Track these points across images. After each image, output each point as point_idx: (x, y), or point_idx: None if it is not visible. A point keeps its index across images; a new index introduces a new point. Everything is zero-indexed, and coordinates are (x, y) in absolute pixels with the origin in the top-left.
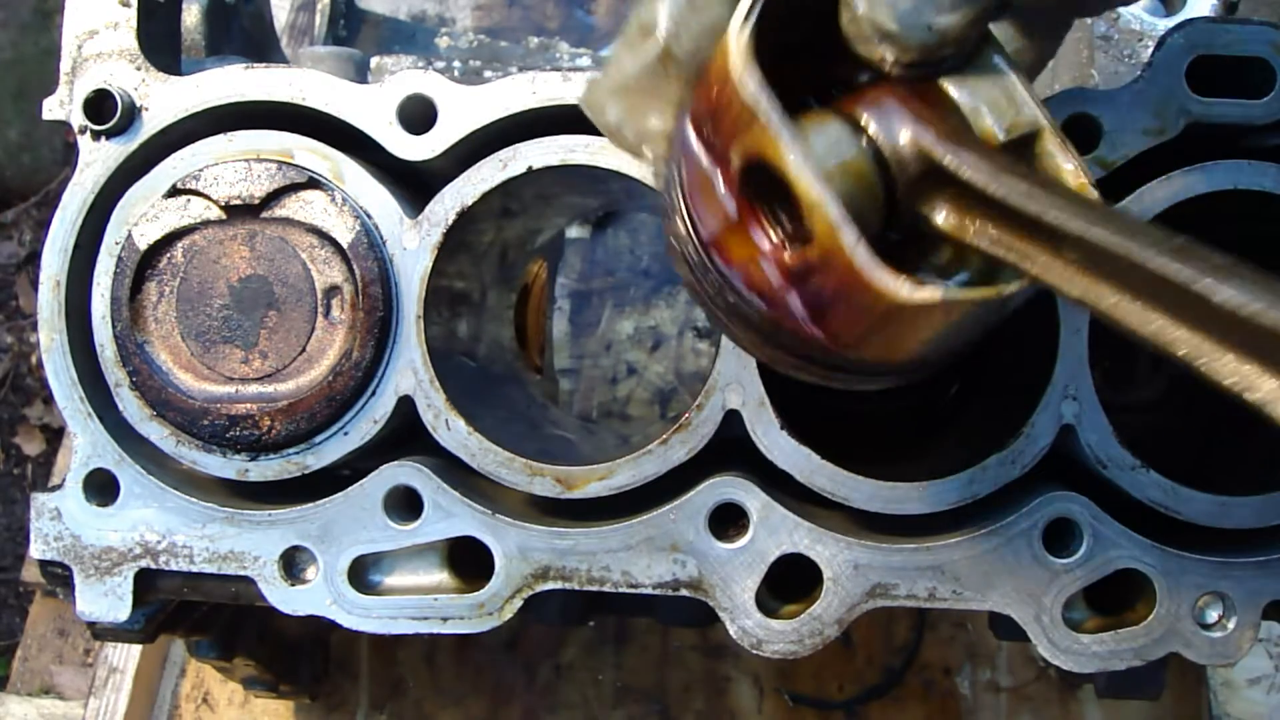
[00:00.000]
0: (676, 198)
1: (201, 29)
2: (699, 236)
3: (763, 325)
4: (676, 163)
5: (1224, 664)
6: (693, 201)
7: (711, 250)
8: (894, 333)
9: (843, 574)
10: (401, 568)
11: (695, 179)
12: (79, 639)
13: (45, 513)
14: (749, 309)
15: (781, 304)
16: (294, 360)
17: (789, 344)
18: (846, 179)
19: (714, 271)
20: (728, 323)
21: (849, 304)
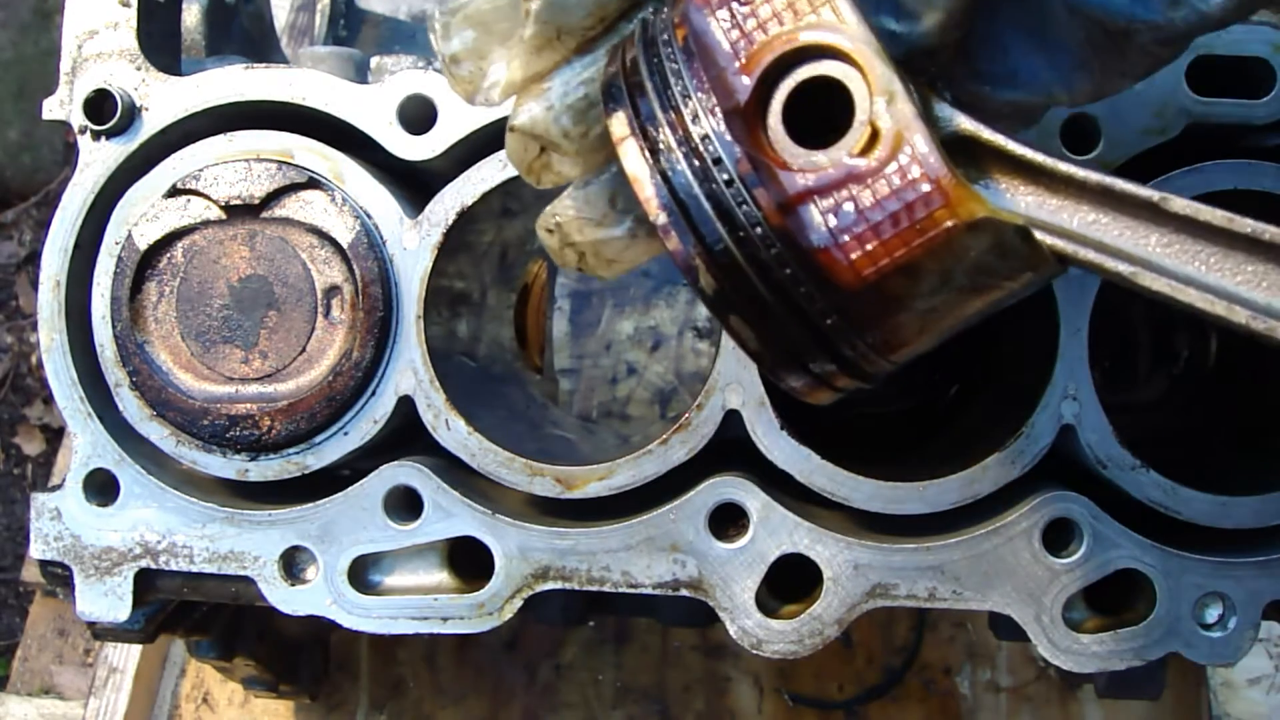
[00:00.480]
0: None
1: (201, 29)
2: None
3: (777, 285)
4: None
5: (1224, 664)
6: (706, 93)
7: (744, 169)
8: (925, 267)
9: (843, 574)
10: (401, 568)
11: (717, 71)
12: (79, 639)
13: (45, 513)
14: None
15: (808, 221)
16: (294, 360)
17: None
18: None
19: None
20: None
21: (902, 218)
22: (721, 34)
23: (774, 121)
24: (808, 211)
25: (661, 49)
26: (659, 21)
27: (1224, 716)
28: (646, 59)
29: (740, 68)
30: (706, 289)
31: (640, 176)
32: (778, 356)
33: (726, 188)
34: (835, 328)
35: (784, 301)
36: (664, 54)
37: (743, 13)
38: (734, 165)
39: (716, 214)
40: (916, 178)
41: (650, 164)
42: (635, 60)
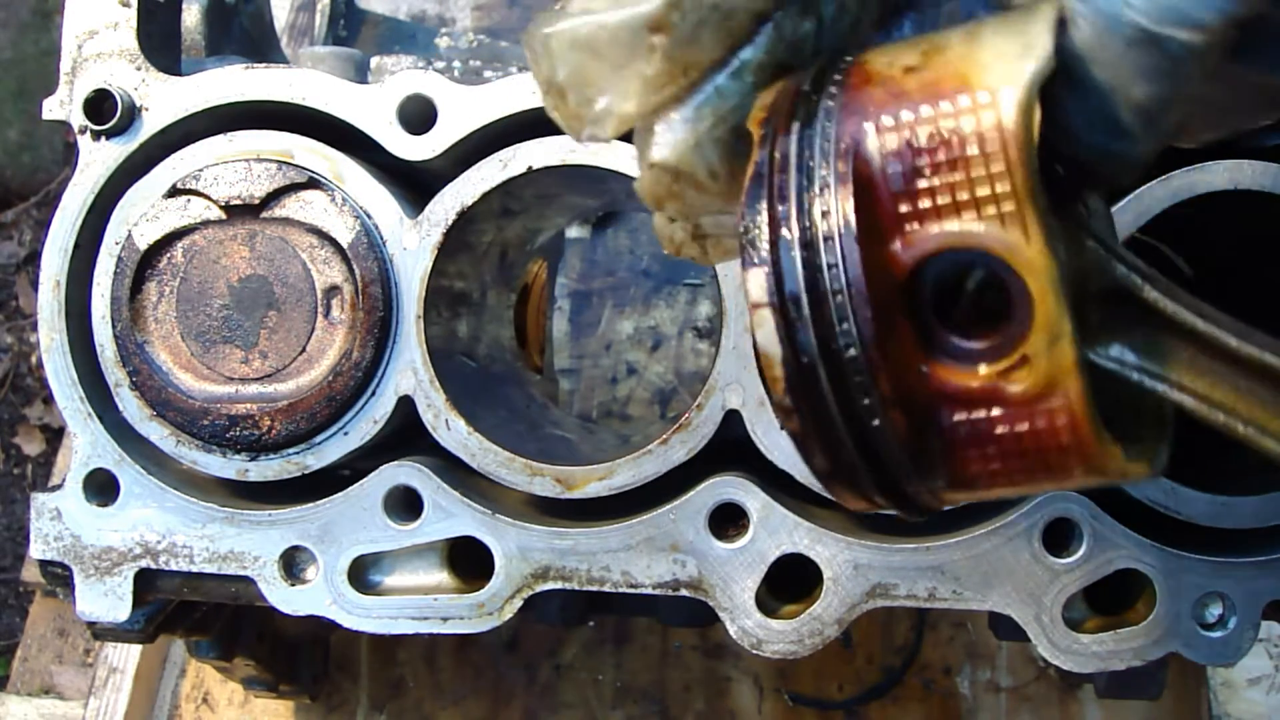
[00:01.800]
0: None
1: (201, 29)
2: (849, 308)
3: (885, 478)
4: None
5: (1224, 664)
6: (854, 255)
7: (867, 331)
8: (1036, 488)
9: (843, 574)
10: (401, 568)
11: (873, 245)
12: (79, 639)
13: (45, 513)
14: (884, 439)
15: (934, 435)
16: (294, 360)
17: (890, 487)
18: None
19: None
20: (834, 477)
21: (1031, 456)
22: (888, 198)
23: (924, 307)
24: (939, 418)
25: (818, 200)
26: (819, 156)
27: (1224, 716)
28: (798, 205)
29: (902, 244)
30: (818, 468)
31: (771, 355)
32: (863, 503)
33: (860, 396)
34: (919, 494)
35: (889, 486)
36: (819, 210)
37: (921, 185)
38: (873, 383)
39: (845, 421)
40: (1060, 427)
41: (784, 345)
42: (785, 208)
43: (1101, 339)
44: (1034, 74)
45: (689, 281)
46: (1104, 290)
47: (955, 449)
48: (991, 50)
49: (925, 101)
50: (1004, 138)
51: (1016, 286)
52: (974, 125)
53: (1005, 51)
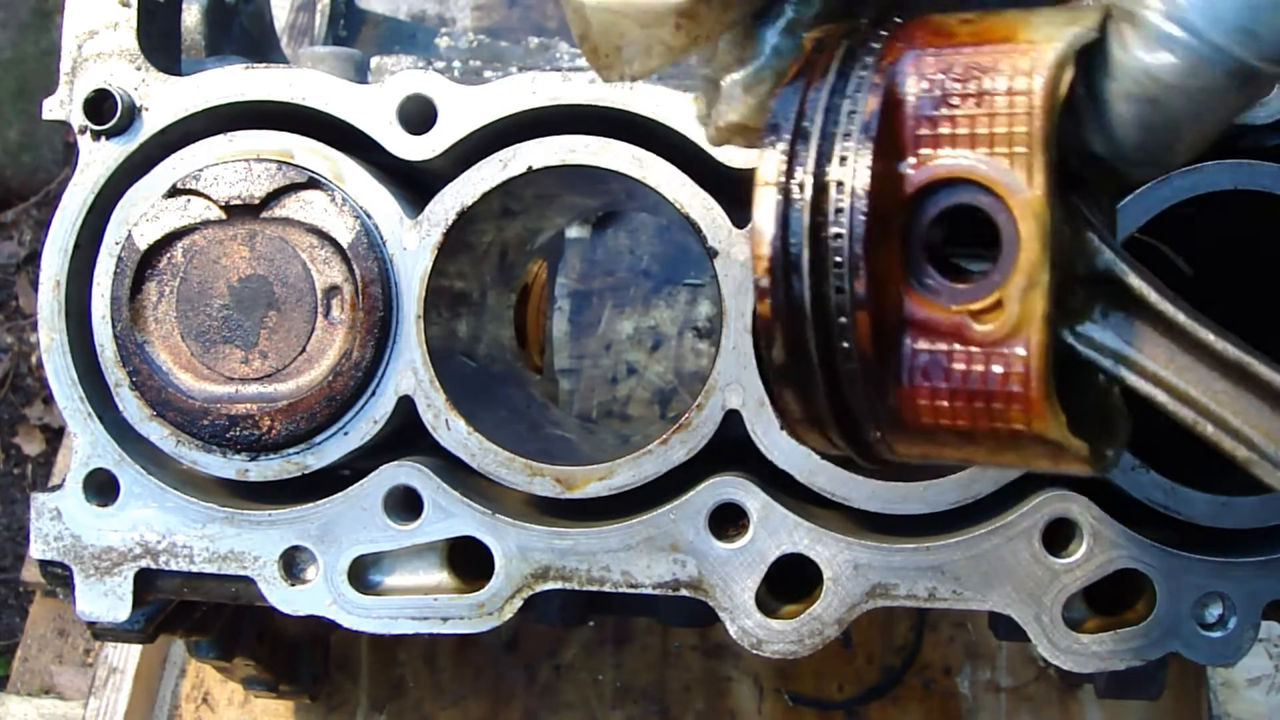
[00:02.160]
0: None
1: (201, 29)
2: (849, 206)
3: (839, 390)
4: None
5: (1224, 664)
6: (866, 159)
7: (858, 232)
8: (980, 440)
9: (843, 574)
10: (401, 568)
11: (887, 160)
12: (79, 639)
13: (45, 513)
14: (846, 358)
15: (898, 349)
16: (294, 360)
17: (846, 417)
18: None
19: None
20: (791, 382)
21: (980, 399)
22: (912, 119)
23: (917, 232)
24: (902, 341)
25: (847, 100)
26: (859, 68)
27: (1224, 716)
28: (828, 105)
29: (914, 163)
30: (774, 358)
31: (764, 233)
32: (811, 427)
33: (835, 294)
34: (873, 437)
35: (839, 401)
36: (845, 110)
37: (944, 112)
38: (850, 279)
39: (814, 309)
40: (1015, 374)
41: (778, 225)
42: (815, 101)
43: (1081, 320)
44: (1076, 36)
45: (689, 281)
46: (1090, 274)
47: (911, 376)
48: (1043, 17)
49: (970, 44)
50: (1032, 84)
51: (1007, 230)
52: (1009, 68)
53: (1054, 19)
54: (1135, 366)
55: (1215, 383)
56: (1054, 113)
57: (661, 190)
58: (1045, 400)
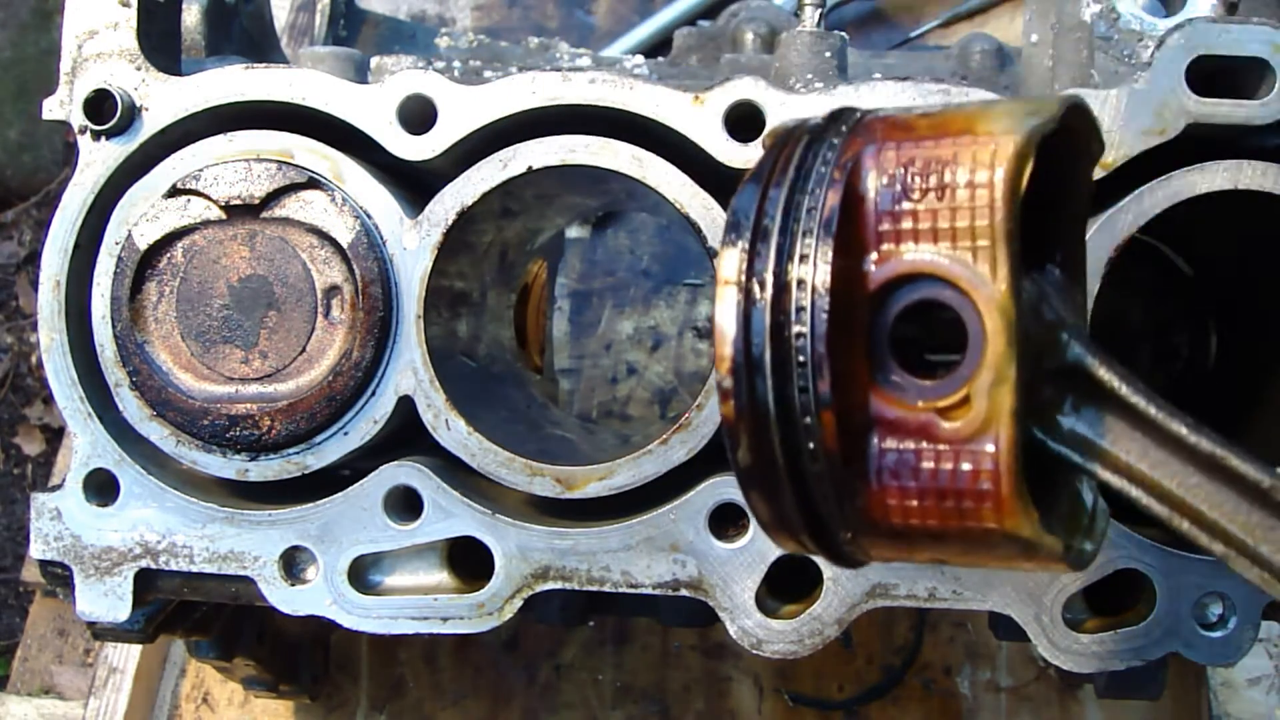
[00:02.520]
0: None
1: (201, 29)
2: (810, 307)
3: (807, 493)
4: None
5: (1224, 664)
6: (826, 258)
7: (820, 332)
8: (950, 540)
9: (843, 574)
10: (401, 568)
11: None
12: (79, 639)
13: (45, 513)
14: (813, 459)
15: (865, 449)
16: (294, 360)
17: (815, 521)
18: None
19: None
20: (759, 484)
21: (950, 498)
22: (874, 215)
23: (882, 330)
24: (869, 441)
25: (807, 197)
26: (819, 164)
27: (1224, 716)
28: (787, 203)
29: (877, 259)
30: (740, 461)
31: (726, 333)
32: (781, 531)
33: (799, 394)
34: (844, 540)
35: (806, 507)
36: (805, 206)
37: (905, 207)
38: (814, 379)
39: (778, 410)
40: (984, 472)
41: (739, 325)
42: (775, 198)
43: (1051, 414)
44: (1035, 127)
45: (689, 281)
46: (1059, 367)
47: (879, 476)
48: (1002, 108)
49: (930, 137)
50: (993, 177)
51: (973, 326)
52: (969, 160)
53: (1014, 110)
54: (1108, 460)
55: (1190, 477)
56: (1016, 205)
57: (661, 190)
58: (1016, 498)
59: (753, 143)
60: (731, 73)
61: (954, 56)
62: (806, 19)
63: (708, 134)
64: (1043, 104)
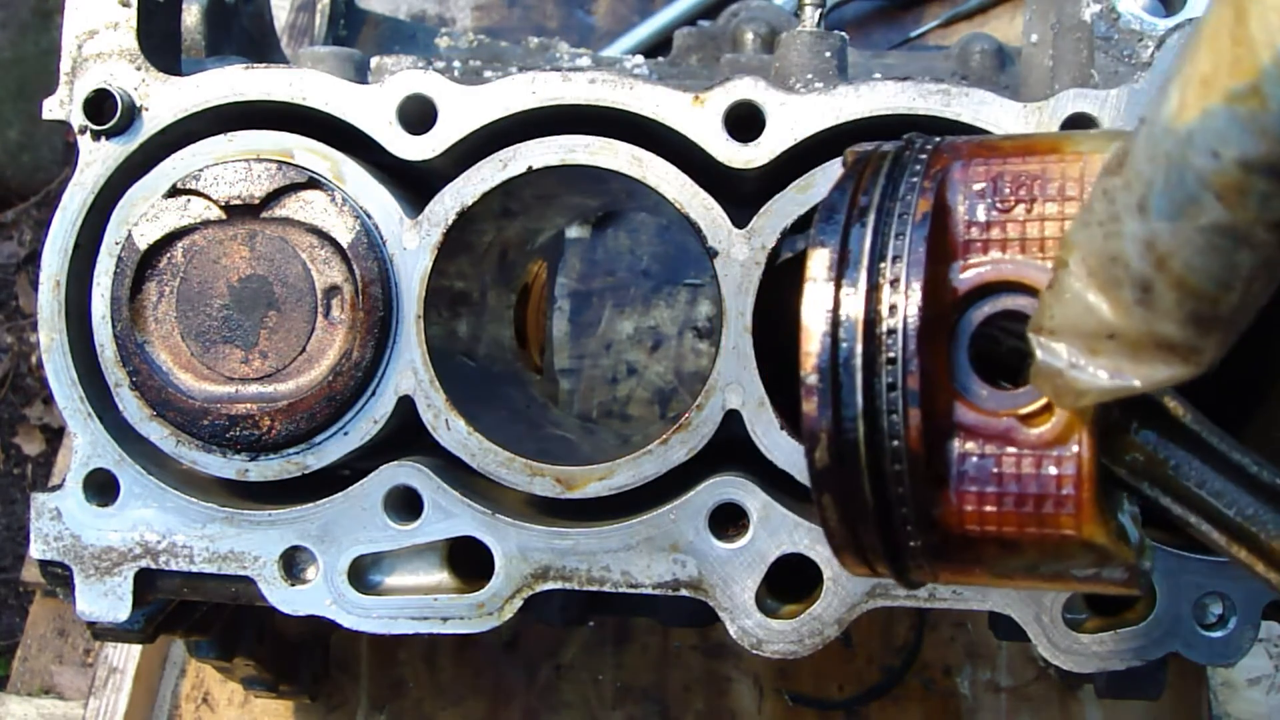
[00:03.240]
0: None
1: (201, 29)
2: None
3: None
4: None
5: (1224, 664)
6: (917, 259)
7: (909, 330)
8: (1022, 551)
9: (843, 574)
10: (401, 568)
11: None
12: (79, 639)
13: (45, 513)
14: (894, 460)
15: (944, 454)
16: (294, 360)
17: (886, 530)
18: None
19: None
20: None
21: (1029, 503)
22: (962, 224)
23: (963, 339)
24: (950, 445)
25: (898, 204)
26: (908, 174)
27: (1224, 716)
28: (879, 208)
29: (963, 267)
30: (817, 462)
31: (813, 331)
32: (849, 545)
33: (887, 391)
34: (913, 551)
35: (881, 510)
36: (896, 212)
37: (993, 217)
38: (903, 376)
39: (864, 411)
40: (1065, 477)
41: (828, 324)
42: (867, 203)
43: (1115, 438)
44: (1125, 146)
45: (689, 281)
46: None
47: (959, 481)
48: (1086, 135)
49: (1017, 154)
50: (1082, 191)
51: None
52: (1059, 175)
53: (1098, 136)
54: (1168, 486)
55: (1248, 507)
56: None
57: (661, 190)
58: (1095, 505)
59: (753, 143)
60: (731, 73)
61: (954, 56)
62: (806, 19)
63: (708, 134)
64: (1124, 133)
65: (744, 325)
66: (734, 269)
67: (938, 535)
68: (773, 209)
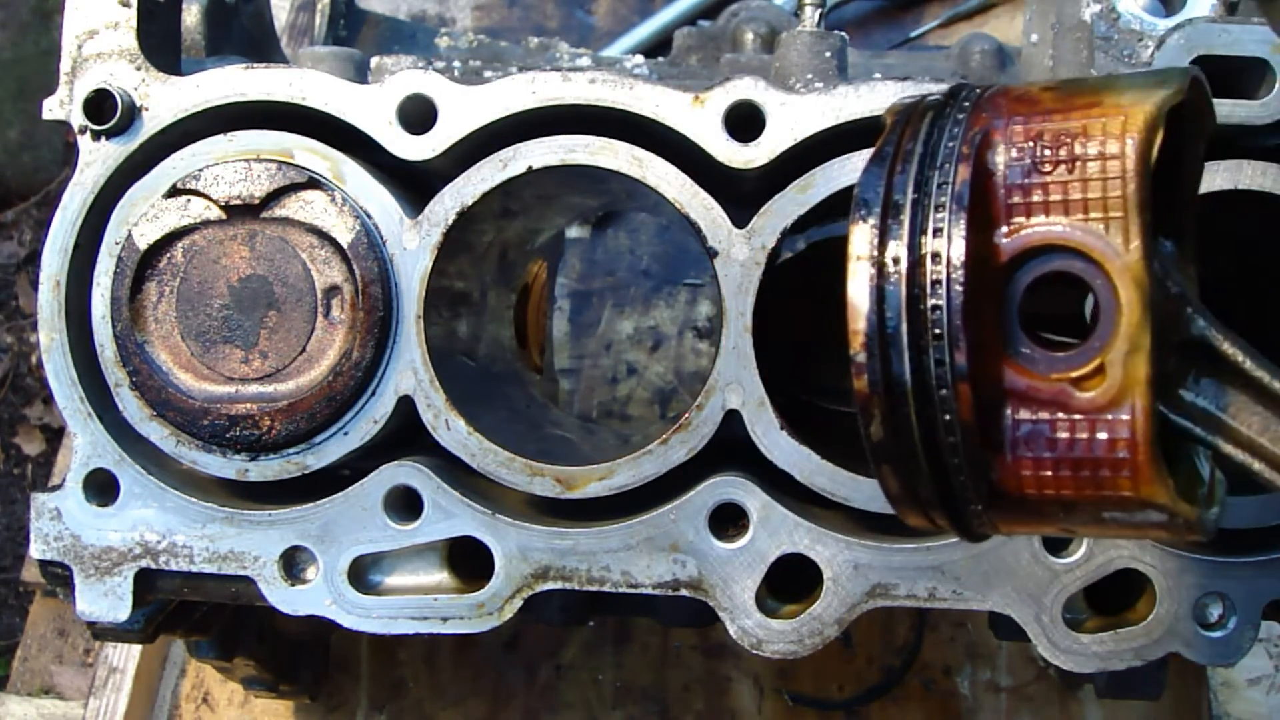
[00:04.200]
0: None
1: (201, 29)
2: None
3: (940, 465)
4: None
5: (1224, 664)
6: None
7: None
8: (1083, 509)
9: (843, 574)
10: (401, 568)
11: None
12: (79, 639)
13: (45, 513)
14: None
15: (998, 422)
16: (294, 360)
17: (946, 493)
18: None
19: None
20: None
21: (1086, 468)
22: (1004, 188)
23: (1011, 302)
24: (1003, 413)
25: (937, 173)
26: (945, 139)
27: (1224, 716)
28: (917, 178)
29: (1007, 232)
30: (873, 435)
31: (859, 307)
32: (910, 506)
33: (935, 366)
34: (975, 513)
35: (939, 477)
36: (935, 182)
37: (1035, 180)
38: (950, 351)
39: (914, 383)
40: (1121, 440)
41: (873, 298)
42: (905, 174)
43: (1174, 388)
44: (1166, 97)
45: (689, 281)
46: (1184, 340)
47: (1014, 448)
48: (1127, 81)
49: (1057, 110)
50: (1124, 148)
51: (1105, 297)
52: (1099, 132)
53: (1139, 83)
54: (1229, 433)
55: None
56: (1148, 175)
57: (661, 190)
58: (1153, 465)
59: (753, 143)
60: (731, 73)
61: (954, 56)
62: (806, 19)
63: (708, 134)
64: (1168, 75)
65: (744, 325)
66: (734, 269)
67: (997, 498)
68: (773, 209)
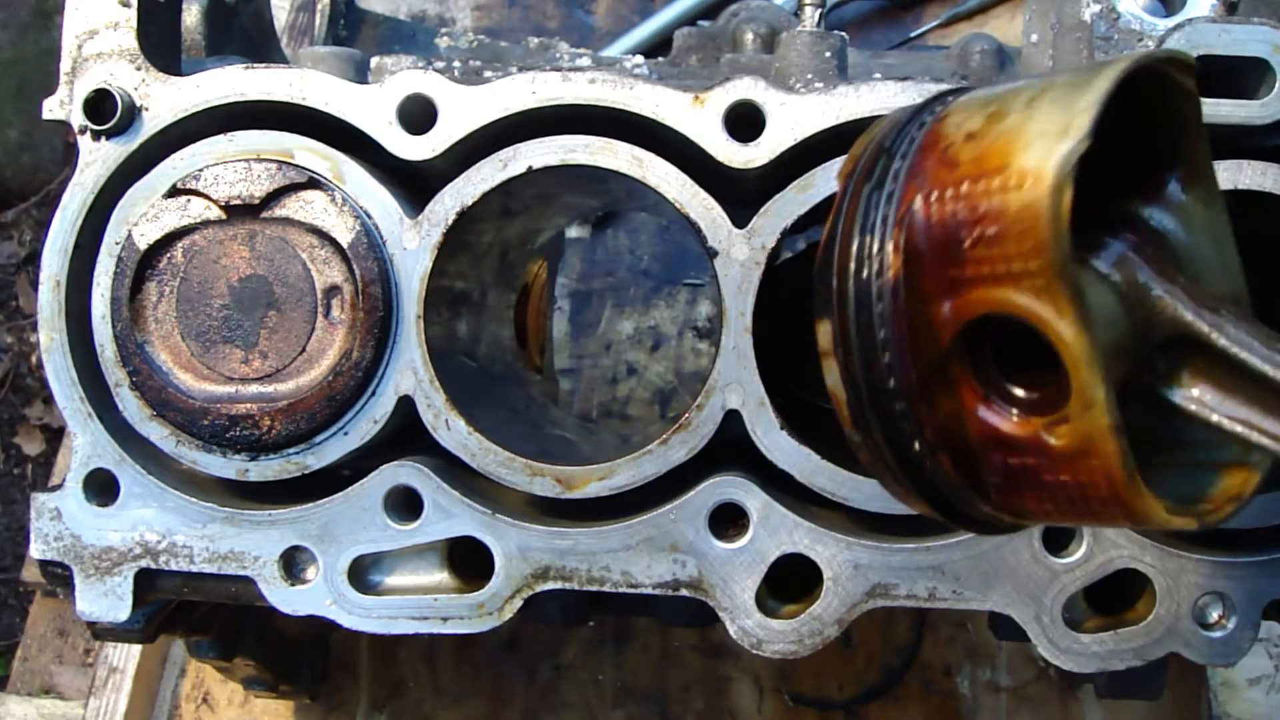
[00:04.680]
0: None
1: (201, 29)
2: (897, 364)
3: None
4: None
5: (1224, 664)
6: (901, 316)
7: (912, 384)
8: (1084, 523)
9: (843, 574)
10: (401, 568)
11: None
12: (79, 639)
13: (45, 513)
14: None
15: (985, 474)
16: (294, 360)
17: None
18: (1110, 359)
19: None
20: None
21: (1076, 503)
22: (936, 265)
23: (983, 357)
24: (990, 458)
25: (872, 264)
26: (879, 216)
27: (1224, 716)
28: (856, 275)
29: (951, 305)
30: (868, 467)
31: (839, 397)
32: (909, 502)
33: (913, 441)
34: (971, 516)
35: (934, 501)
36: (873, 270)
37: (965, 253)
38: (918, 429)
39: (896, 456)
40: (1100, 481)
41: (848, 389)
42: (846, 269)
43: (1166, 386)
44: (1067, 156)
45: (689, 281)
46: (1170, 338)
47: (1010, 485)
48: (1039, 124)
49: (971, 177)
50: (1034, 217)
51: (1061, 351)
52: (1012, 204)
53: (1048, 129)
54: (1234, 418)
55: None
56: (1060, 239)
57: (661, 190)
58: (1137, 498)
59: (753, 142)
60: (731, 73)
61: (954, 56)
62: (806, 19)
63: (708, 134)
64: (1077, 107)
65: (744, 325)
66: (734, 269)
67: (992, 518)
68: (773, 209)
